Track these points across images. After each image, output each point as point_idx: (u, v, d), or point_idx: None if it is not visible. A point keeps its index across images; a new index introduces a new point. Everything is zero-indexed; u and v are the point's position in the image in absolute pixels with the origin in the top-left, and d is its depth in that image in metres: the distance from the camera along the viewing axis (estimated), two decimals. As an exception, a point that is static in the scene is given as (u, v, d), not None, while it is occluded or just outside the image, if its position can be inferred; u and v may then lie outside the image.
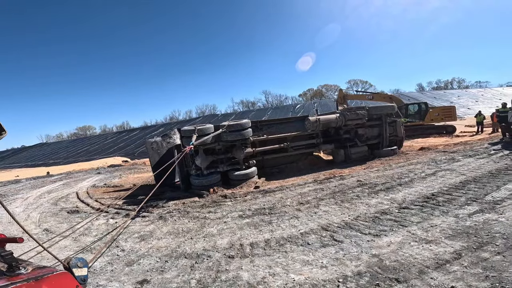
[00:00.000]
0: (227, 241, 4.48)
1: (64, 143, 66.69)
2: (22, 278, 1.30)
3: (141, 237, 5.06)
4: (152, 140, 10.06)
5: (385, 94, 22.42)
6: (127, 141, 49.85)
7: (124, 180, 13.03)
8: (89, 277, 3.66)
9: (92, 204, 8.19)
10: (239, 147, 8.83)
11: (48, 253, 2.04)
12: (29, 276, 1.34)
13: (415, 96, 48.94)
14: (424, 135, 18.18)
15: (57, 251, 4.82)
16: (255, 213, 5.70)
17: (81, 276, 1.69)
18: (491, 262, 3.09)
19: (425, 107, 19.82)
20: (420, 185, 6.50)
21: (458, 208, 4.87)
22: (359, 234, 4.20)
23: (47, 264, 1.76)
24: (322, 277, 3.16)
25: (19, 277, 1.32)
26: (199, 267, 3.71)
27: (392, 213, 4.95)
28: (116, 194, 9.53)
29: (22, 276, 1.34)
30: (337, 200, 6.02)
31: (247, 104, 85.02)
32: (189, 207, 6.71)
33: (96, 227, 5.98)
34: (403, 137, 11.97)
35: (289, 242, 4.19)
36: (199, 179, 8.44)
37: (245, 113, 54.72)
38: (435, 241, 3.72)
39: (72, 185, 12.61)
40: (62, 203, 8.80)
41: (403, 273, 3.06)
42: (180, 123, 56.71)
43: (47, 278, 1.33)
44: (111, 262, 4.16)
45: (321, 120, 10.10)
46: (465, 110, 39.57)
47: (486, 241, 3.58)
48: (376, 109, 11.14)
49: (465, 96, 51.87)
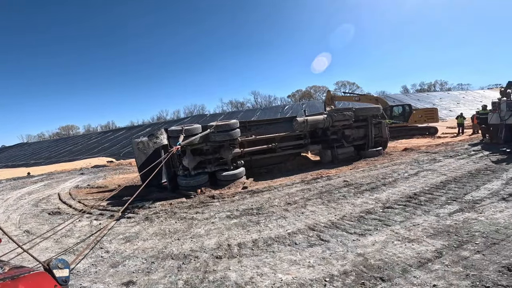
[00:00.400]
0: (214, 241, 4.47)
1: (46, 143, 64.62)
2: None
3: (126, 238, 4.98)
4: (138, 140, 9.89)
5: (371, 96, 22.91)
6: (112, 141, 48.79)
7: (109, 181, 12.75)
8: (72, 279, 3.61)
9: (74, 206, 7.99)
10: (227, 148, 8.81)
11: (28, 254, 1.99)
12: (5, 275, 1.32)
13: (399, 98, 50.12)
14: (408, 136, 18.68)
15: (38, 252, 4.69)
16: (243, 214, 5.71)
17: (63, 277, 1.67)
18: (471, 261, 3.20)
19: (409, 109, 20.35)
20: (403, 185, 6.67)
21: (439, 207, 5.03)
22: (345, 234, 4.28)
23: (28, 265, 1.73)
24: (309, 276, 3.20)
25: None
26: (186, 268, 3.68)
27: (376, 212, 5.07)
28: (100, 195, 9.32)
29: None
30: (324, 200, 6.11)
31: (236, 104, 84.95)
32: (176, 207, 6.65)
33: (79, 229, 5.84)
34: (387, 138, 12.26)
35: (276, 242, 4.22)
36: (186, 179, 8.36)
37: (234, 114, 54.60)
38: (417, 240, 3.83)
39: (54, 186, 12.24)
40: (43, 205, 8.54)
41: (387, 271, 3.14)
42: (167, 123, 55.98)
43: (23, 277, 1.32)
44: (95, 263, 4.08)
45: (308, 121, 10.21)
46: (447, 112, 40.82)
47: (466, 239, 3.72)
48: (362, 110, 11.36)
49: (447, 98, 53.50)
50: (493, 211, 4.60)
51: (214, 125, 8.64)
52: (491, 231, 3.87)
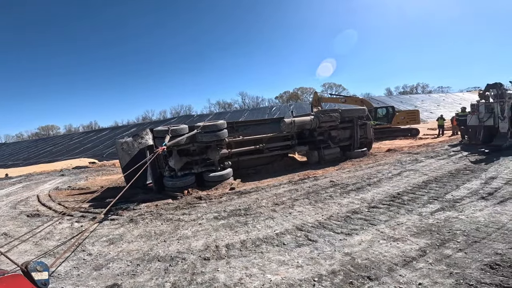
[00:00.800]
0: (202, 243, 4.41)
1: (25, 143, 62.14)
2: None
3: (109, 241, 4.85)
4: (122, 140, 9.66)
5: (356, 98, 23.35)
6: (95, 141, 47.48)
7: (91, 182, 12.38)
8: (52, 282, 3.48)
9: (54, 208, 7.71)
10: (215, 148, 8.74)
11: (5, 257, 1.91)
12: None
13: (384, 100, 51.36)
14: (391, 137, 19.16)
15: (17, 255, 4.50)
16: (230, 215, 5.67)
17: (42, 280, 1.62)
18: (454, 259, 3.30)
19: (392, 110, 20.89)
20: (387, 185, 6.83)
21: (422, 206, 5.17)
22: (332, 233, 4.32)
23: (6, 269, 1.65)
24: (298, 276, 3.21)
25: None
26: (173, 270, 3.61)
27: (362, 212, 5.16)
28: (82, 196, 9.03)
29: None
30: (311, 200, 6.16)
31: (224, 105, 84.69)
32: (162, 209, 6.53)
33: (60, 231, 5.64)
34: (372, 139, 12.52)
35: (265, 242, 4.22)
36: (172, 180, 8.24)
37: (222, 114, 54.34)
38: (401, 239, 3.92)
39: (33, 188, 11.77)
40: (21, 207, 8.19)
41: (374, 270, 3.19)
42: (153, 123, 55.06)
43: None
44: (77, 266, 3.95)
45: (296, 122, 10.28)
46: (428, 114, 42.15)
47: (448, 238, 3.83)
48: (348, 112, 11.54)
49: (428, 100, 55.24)
50: (473, 209, 4.78)
51: (201, 126, 8.55)
52: (471, 230, 4.01)
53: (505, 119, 11.17)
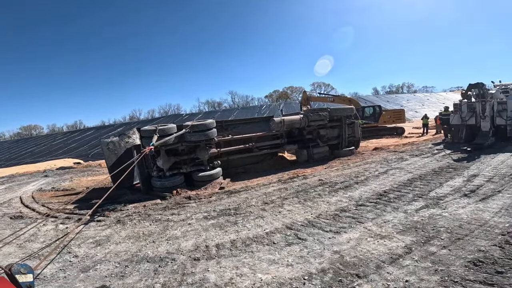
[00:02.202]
0: (192, 243, 4.39)
1: (6, 143, 59.95)
2: None
3: (96, 242, 4.76)
4: (108, 140, 9.45)
5: (344, 97, 23.67)
6: (80, 141, 46.29)
7: (76, 183, 12.07)
8: (38, 284, 3.39)
9: (38, 209, 7.48)
10: (203, 148, 8.69)
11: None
12: None
13: (371, 99, 52.20)
14: (378, 136, 19.52)
15: (0, 258, 4.36)
16: (220, 214, 5.66)
17: (26, 282, 1.59)
18: (439, 256, 3.39)
19: (379, 110, 21.27)
20: (374, 183, 6.97)
21: (407, 204, 5.31)
22: (321, 232, 4.38)
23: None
24: (288, 275, 3.24)
25: None
26: (163, 271, 3.58)
27: (350, 210, 5.24)
28: (67, 198, 8.80)
29: None
30: (300, 199, 6.21)
31: (213, 104, 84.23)
32: (150, 209, 6.44)
33: (44, 233, 5.49)
34: (360, 138, 12.72)
35: (255, 242, 4.23)
36: (161, 180, 8.13)
37: (211, 113, 53.94)
38: (388, 236, 4.01)
39: (15, 189, 11.39)
40: (4, 209, 7.92)
41: (363, 268, 3.26)
42: (141, 122, 54.14)
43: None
44: (63, 268, 3.87)
45: (285, 121, 10.33)
46: (413, 113, 43.11)
47: (433, 235, 3.94)
48: (337, 111, 11.69)
49: (413, 100, 56.52)
50: (456, 207, 4.93)
51: (189, 125, 8.47)
52: (455, 227, 4.14)
53: (486, 118, 11.57)
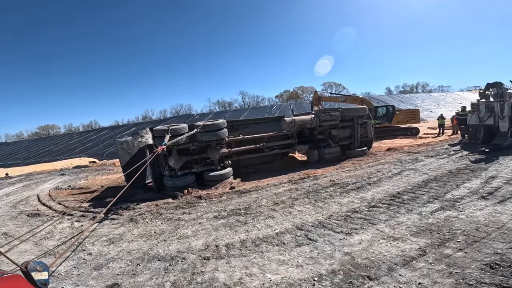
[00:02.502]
0: (202, 242, 4.41)
1: (25, 142, 62.13)
2: None
3: (109, 240, 4.84)
4: (122, 139, 9.65)
5: (356, 97, 23.29)
6: (95, 141, 47.46)
7: (91, 181, 12.38)
8: (53, 282, 3.47)
9: (54, 207, 7.71)
10: (214, 148, 8.73)
11: (5, 257, 1.90)
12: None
13: (384, 99, 51.31)
14: (391, 136, 19.13)
15: (17, 255, 4.50)
16: (230, 214, 5.67)
17: (42, 280, 1.61)
18: (454, 259, 3.29)
19: (392, 109, 20.86)
20: (387, 184, 6.82)
21: (421, 206, 5.17)
22: (332, 233, 4.32)
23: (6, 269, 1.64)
24: (298, 276, 3.21)
25: None
26: (173, 270, 3.61)
27: (362, 211, 5.15)
28: (82, 196, 9.03)
29: None
30: (311, 199, 6.16)
31: (224, 104, 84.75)
32: (162, 208, 6.53)
33: (60, 231, 5.63)
34: (372, 139, 12.50)
35: (265, 242, 4.21)
36: (172, 180, 8.23)
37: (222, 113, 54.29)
38: (401, 238, 3.92)
39: (33, 187, 11.78)
40: (21, 206, 8.19)
41: (374, 270, 3.19)
42: (153, 122, 55.05)
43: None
44: (77, 266, 3.95)
45: (296, 121, 10.27)
46: (428, 113, 42.10)
47: (448, 238, 3.83)
48: (349, 111, 11.52)
49: (429, 99, 55.20)
50: (473, 209, 4.77)
51: (201, 125, 8.53)
52: (471, 229, 4.01)
53: (505, 118, 11.16)
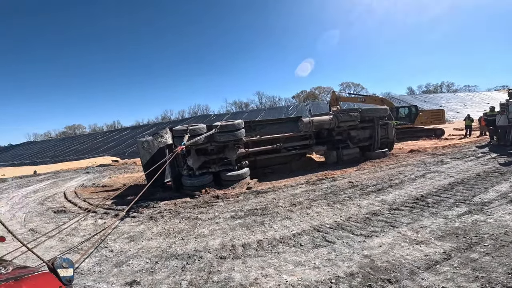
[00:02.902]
0: (219, 241, 4.44)
1: (52, 142, 65.37)
2: (1, 278, 1.27)
3: (130, 238, 4.97)
4: (143, 139, 9.92)
5: (376, 97, 22.71)
6: (117, 140, 49.17)
7: (114, 180, 12.81)
8: (75, 278, 3.60)
9: (80, 204, 8.02)
10: (232, 148, 8.78)
11: (32, 253, 1.97)
12: (9, 276, 1.30)
13: (405, 99, 49.73)
14: (414, 137, 18.50)
15: (42, 251, 4.69)
16: (247, 214, 5.67)
17: (67, 276, 1.65)
18: (480, 263, 3.14)
19: (415, 110, 20.17)
20: (410, 186, 6.58)
21: (447, 209, 4.95)
22: (351, 235, 4.22)
23: (32, 265, 1.70)
24: (314, 278, 3.15)
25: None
26: (190, 268, 3.65)
27: (383, 214, 5.00)
28: (105, 194, 9.36)
29: (1, 276, 1.30)
30: (329, 201, 6.05)
31: (240, 105, 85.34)
32: (180, 207, 6.63)
33: (84, 228, 5.85)
34: (394, 140, 12.13)
35: (281, 243, 4.18)
36: (191, 179, 8.35)
37: (238, 114, 54.68)
38: (425, 242, 3.76)
39: (60, 185, 12.34)
40: (48, 203, 8.59)
41: (395, 273, 3.08)
42: (172, 122, 56.33)
43: (27, 278, 1.29)
44: (99, 262, 4.07)
45: (314, 122, 10.14)
46: (454, 114, 40.39)
47: (475, 242, 3.64)
48: (369, 111, 11.25)
49: (454, 99, 52.96)
50: (502, 213, 4.51)
51: (219, 125, 8.60)
52: (500, 233, 3.80)
53: (537, 118, 10.50)
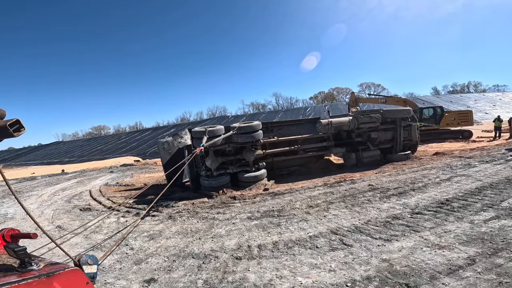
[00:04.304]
0: (235, 242, 4.47)
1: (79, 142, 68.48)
2: (33, 274, 1.31)
3: (150, 236, 5.11)
4: (163, 140, 10.19)
5: (398, 98, 22.01)
6: (139, 141, 50.72)
7: (136, 179, 13.22)
8: (98, 275, 3.73)
9: (104, 202, 8.33)
10: (249, 149, 8.81)
11: (60, 249, 2.07)
12: (41, 272, 1.34)
13: (430, 100, 47.85)
14: (439, 139, 17.75)
15: (68, 248, 4.89)
16: (263, 215, 5.67)
17: (91, 273, 1.71)
18: (506, 268, 3.00)
19: (440, 111, 19.36)
20: (434, 190, 6.32)
21: (474, 214, 4.71)
22: (370, 239, 4.11)
23: (58, 261, 1.78)
24: (330, 281, 3.10)
25: (30, 273, 1.32)
26: (206, 268, 3.70)
27: (404, 218, 4.83)
28: (128, 193, 9.67)
29: (34, 272, 1.35)
30: (347, 204, 5.93)
31: (258, 106, 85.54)
32: (198, 207, 6.74)
33: (107, 225, 6.07)
34: (417, 142, 11.69)
35: (297, 245, 4.14)
36: (208, 180, 8.46)
37: (256, 115, 54.83)
38: (448, 247, 3.61)
39: (86, 183, 12.88)
40: (75, 201, 8.98)
41: (414, 278, 2.98)
42: (191, 124, 57.39)
43: (58, 274, 1.33)
44: (120, 260, 4.20)
45: (333, 123, 9.98)
46: (483, 115, 38.39)
47: (501, 247, 3.46)
48: (390, 112, 10.92)
49: (483, 100, 50.35)
50: (535, 220, 4.23)
51: (236, 127, 8.66)
52: (530, 240, 3.57)
53: None
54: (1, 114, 1.92)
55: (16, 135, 1.79)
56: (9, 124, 1.74)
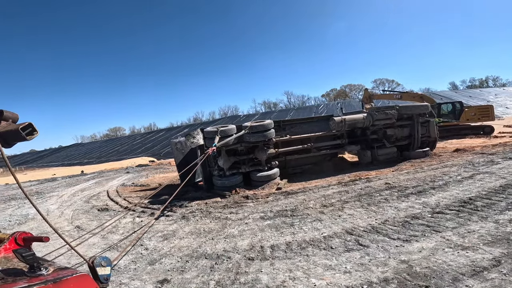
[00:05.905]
0: (247, 242, 4.42)
1: (97, 143, 70.53)
2: (41, 280, 1.30)
3: (164, 236, 5.13)
4: (176, 140, 10.28)
5: (415, 93, 21.34)
6: (153, 141, 51.66)
7: (151, 179, 13.43)
8: (112, 275, 3.77)
9: (120, 203, 8.48)
10: (262, 148, 8.75)
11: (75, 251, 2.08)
12: (48, 278, 1.33)
13: (447, 95, 46.29)
14: (459, 135, 17.11)
15: (86, 248, 5.00)
16: (276, 215, 5.60)
17: (104, 275, 1.71)
18: (534, 271, 2.80)
19: (459, 106, 18.67)
20: (456, 188, 6.06)
21: (499, 213, 4.47)
22: (387, 239, 3.96)
23: (71, 264, 1.79)
24: (345, 282, 2.99)
25: (38, 279, 1.32)
26: (218, 268, 3.67)
27: (424, 217, 4.64)
28: (143, 193, 9.82)
29: (42, 277, 1.34)
30: (363, 203, 5.76)
31: (269, 105, 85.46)
32: (211, 207, 6.74)
33: (123, 225, 6.15)
34: (436, 138, 11.27)
35: (311, 245, 4.05)
36: (221, 180, 8.46)
37: (267, 114, 54.70)
38: (472, 248, 3.42)
39: (104, 184, 13.19)
40: (93, 201, 9.20)
41: (435, 280, 2.83)
42: (203, 123, 57.99)
43: (65, 280, 1.33)
44: (135, 260, 4.23)
45: (347, 120, 9.76)
46: (504, 110, 36.80)
47: (530, 249, 3.24)
48: (407, 108, 10.58)
49: (503, 94, 48.24)
50: None
51: (248, 126, 8.61)
52: (562, 241, 3.34)
53: None
54: (14, 118, 1.94)
55: (29, 139, 1.80)
56: (21, 127, 1.75)
